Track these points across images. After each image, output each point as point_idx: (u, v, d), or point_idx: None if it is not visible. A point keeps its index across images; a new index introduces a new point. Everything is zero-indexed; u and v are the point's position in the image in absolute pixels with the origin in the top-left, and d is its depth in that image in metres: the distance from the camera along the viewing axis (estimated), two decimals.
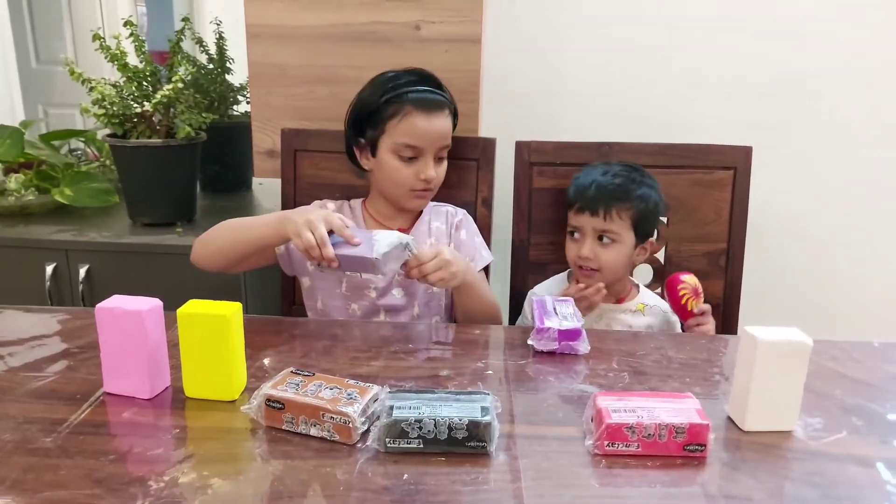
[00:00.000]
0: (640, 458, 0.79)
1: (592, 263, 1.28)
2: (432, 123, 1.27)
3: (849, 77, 1.74)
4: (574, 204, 1.30)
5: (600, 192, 1.26)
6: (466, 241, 1.37)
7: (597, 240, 1.28)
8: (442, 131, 1.29)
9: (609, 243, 1.27)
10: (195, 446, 0.81)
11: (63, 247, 1.55)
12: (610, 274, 1.29)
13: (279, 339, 1.12)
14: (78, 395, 0.90)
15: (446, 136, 1.30)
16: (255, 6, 1.51)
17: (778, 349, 0.83)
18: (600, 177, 1.29)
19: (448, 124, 1.31)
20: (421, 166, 1.28)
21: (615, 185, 1.27)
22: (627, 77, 1.77)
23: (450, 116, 1.32)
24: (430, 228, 1.37)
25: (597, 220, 1.26)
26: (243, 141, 1.75)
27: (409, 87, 1.28)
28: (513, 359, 1.06)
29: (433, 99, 1.28)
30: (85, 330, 1.10)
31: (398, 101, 1.27)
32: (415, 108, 1.26)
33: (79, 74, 1.51)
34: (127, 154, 1.59)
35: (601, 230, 1.27)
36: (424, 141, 1.27)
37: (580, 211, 1.28)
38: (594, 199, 1.26)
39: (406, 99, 1.27)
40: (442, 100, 1.30)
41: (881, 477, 0.77)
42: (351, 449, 0.79)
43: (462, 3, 1.46)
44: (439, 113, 1.28)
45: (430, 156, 1.29)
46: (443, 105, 1.30)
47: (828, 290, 1.89)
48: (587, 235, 1.28)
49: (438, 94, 1.30)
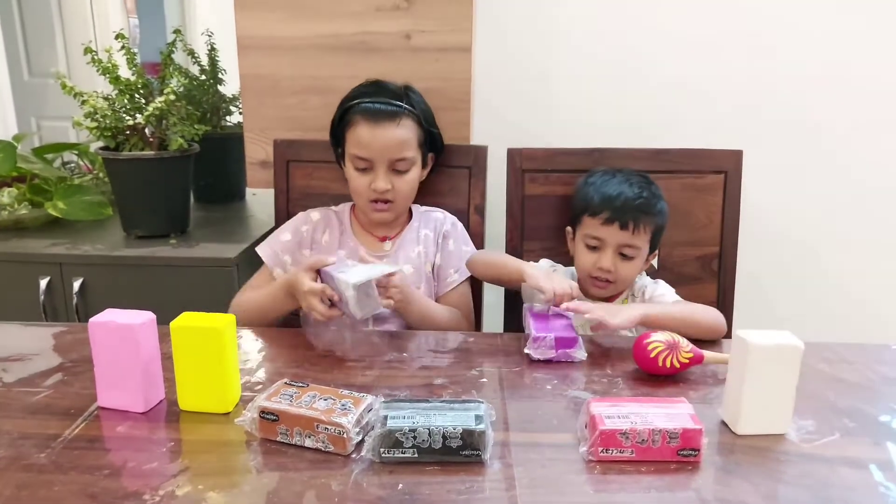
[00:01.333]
0: (635, 464, 0.79)
1: (611, 276, 1.25)
2: (377, 134, 1.27)
3: (838, 79, 1.75)
4: (599, 213, 1.24)
5: (630, 206, 1.22)
6: (454, 251, 1.37)
7: (618, 253, 1.25)
8: (389, 142, 1.27)
9: (630, 258, 1.25)
10: (190, 459, 0.80)
11: (57, 260, 1.55)
12: (623, 286, 1.29)
13: (273, 351, 1.12)
14: (72, 409, 0.90)
15: (397, 147, 1.28)
16: (246, 17, 1.51)
17: (770, 353, 0.84)
18: (626, 188, 1.25)
19: (401, 135, 1.28)
20: (373, 177, 1.29)
21: (643, 198, 1.24)
22: (618, 83, 1.78)
23: (408, 127, 1.30)
24: (419, 236, 1.37)
25: (624, 235, 1.23)
26: (236, 152, 1.75)
27: (361, 99, 1.30)
28: (507, 366, 1.06)
29: (381, 109, 1.28)
30: (79, 344, 1.10)
31: (351, 111, 1.30)
32: (362, 118, 1.28)
33: (70, 88, 1.52)
34: (120, 167, 1.60)
35: (626, 244, 1.24)
36: (371, 151, 1.28)
37: (608, 223, 1.23)
38: (624, 211, 1.22)
39: (356, 110, 1.29)
40: (393, 110, 1.28)
41: (874, 479, 0.77)
42: (346, 459, 0.79)
43: (452, 12, 1.47)
44: (388, 123, 1.27)
45: (381, 167, 1.28)
46: (395, 115, 1.28)
47: (819, 292, 1.89)
48: (609, 248, 1.25)
49: (391, 104, 1.29)
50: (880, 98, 1.76)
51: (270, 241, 1.36)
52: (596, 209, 1.25)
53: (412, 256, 1.35)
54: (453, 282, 1.36)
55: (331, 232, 1.37)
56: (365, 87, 1.34)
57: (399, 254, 1.35)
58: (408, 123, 1.30)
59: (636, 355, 1.02)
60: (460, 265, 1.36)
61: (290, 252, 1.35)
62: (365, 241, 1.37)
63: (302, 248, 1.36)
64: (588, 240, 1.27)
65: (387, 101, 1.29)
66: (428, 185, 1.46)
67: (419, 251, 1.36)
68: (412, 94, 1.36)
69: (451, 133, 1.52)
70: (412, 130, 1.31)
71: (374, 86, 1.34)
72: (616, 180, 1.28)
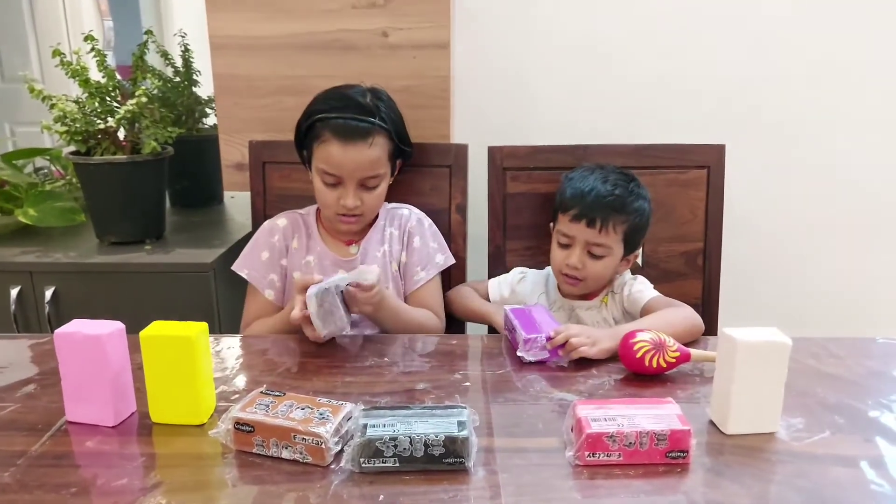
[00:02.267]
0: (623, 468, 0.77)
1: (579, 274, 1.25)
2: (348, 153, 1.23)
3: (820, 74, 1.74)
4: (569, 209, 1.24)
5: (599, 203, 1.21)
6: (419, 248, 1.34)
7: (586, 251, 1.24)
8: (361, 162, 1.24)
9: (599, 257, 1.24)
10: (163, 474, 0.77)
11: (28, 269, 1.50)
12: (594, 284, 1.28)
13: (249, 359, 1.09)
14: (39, 424, 0.87)
15: (368, 166, 1.25)
16: (218, 17, 1.48)
17: (757, 350, 0.82)
18: (599, 184, 1.23)
19: (373, 154, 1.25)
20: (342, 193, 1.25)
21: (615, 195, 1.22)
22: (599, 79, 1.76)
23: (380, 144, 1.26)
24: (384, 235, 1.35)
25: (591, 233, 1.22)
26: (213, 154, 1.71)
27: (330, 114, 1.25)
28: (491, 369, 1.04)
29: (354, 127, 1.23)
30: (48, 356, 1.06)
31: (320, 125, 1.25)
32: (332, 135, 1.23)
33: (39, 92, 1.47)
34: (91, 171, 1.55)
35: (594, 242, 1.23)
36: (341, 170, 1.24)
37: (576, 220, 1.23)
38: (592, 208, 1.21)
39: (326, 124, 1.24)
40: (365, 127, 1.24)
41: (865, 476, 0.76)
42: (325, 470, 0.77)
43: (429, 8, 1.44)
44: (360, 142, 1.23)
45: (351, 184, 1.25)
46: (367, 134, 1.23)
47: (804, 287, 1.89)
48: (577, 245, 1.24)
49: (364, 121, 1.24)
50: (863, 93, 1.76)
51: (249, 261, 1.32)
52: (567, 205, 1.25)
53: (377, 256, 1.33)
54: (420, 280, 1.33)
55: (299, 237, 1.35)
56: (334, 101, 1.27)
57: (365, 256, 1.33)
58: (380, 141, 1.26)
59: (622, 355, 1.00)
60: (427, 263, 1.33)
61: (274, 270, 1.32)
62: (331, 246, 1.34)
63: (280, 260, 1.33)
64: (560, 237, 1.27)
65: (359, 118, 1.24)
66: (408, 185, 1.43)
67: (384, 250, 1.33)
68: (381, 103, 1.30)
69: (431, 131, 1.50)
70: (383, 147, 1.27)
71: (342, 99, 1.28)
72: (593, 177, 1.26)
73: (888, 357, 1.08)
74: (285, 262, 1.33)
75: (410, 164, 1.42)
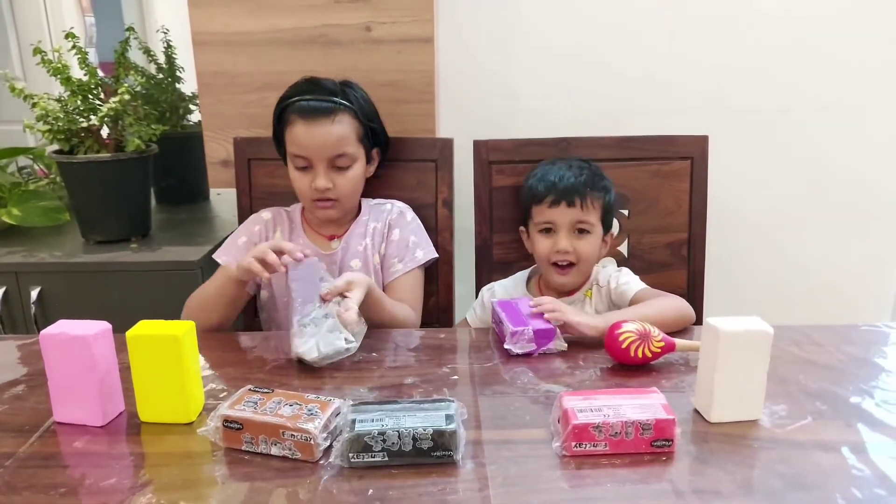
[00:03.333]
0: (609, 457, 0.78)
1: (571, 257, 1.26)
2: (313, 132, 1.24)
3: (802, 64, 1.75)
4: (545, 197, 1.26)
5: (573, 185, 1.25)
6: (397, 241, 1.35)
7: (573, 232, 1.26)
8: (326, 140, 1.25)
9: (585, 235, 1.26)
10: (152, 473, 0.77)
11: (12, 269, 1.49)
12: (585, 267, 1.29)
13: (237, 356, 1.09)
14: (26, 426, 0.86)
15: (334, 144, 1.26)
16: (200, 13, 1.47)
17: (740, 339, 0.83)
18: (566, 171, 1.27)
19: (338, 131, 1.26)
20: (313, 175, 1.27)
21: (585, 175, 1.27)
22: (582, 71, 1.76)
23: (346, 123, 1.27)
24: (367, 230, 1.35)
25: (574, 212, 1.25)
26: (198, 151, 1.70)
27: (296, 97, 1.27)
28: (479, 362, 1.05)
29: (315, 106, 1.25)
30: (35, 357, 1.06)
31: (287, 111, 1.27)
32: (298, 116, 1.25)
33: (20, 90, 1.46)
34: (75, 170, 1.54)
35: (578, 221, 1.25)
36: (308, 150, 1.25)
37: (555, 204, 1.25)
38: (570, 190, 1.24)
39: (292, 109, 1.27)
40: (328, 106, 1.25)
41: (846, 462, 0.77)
42: (314, 466, 0.77)
43: (412, 2, 1.44)
44: (323, 120, 1.24)
45: (320, 165, 1.26)
46: (329, 111, 1.25)
47: (786, 276, 1.91)
48: (563, 229, 1.26)
49: (327, 101, 1.26)
50: (845, 84, 1.77)
51: (226, 248, 1.32)
52: (542, 195, 1.27)
53: (359, 250, 1.33)
54: (396, 272, 1.33)
55: (282, 231, 1.35)
56: (301, 86, 1.30)
57: (347, 251, 1.33)
58: (344, 119, 1.27)
59: (608, 346, 1.01)
60: (405, 255, 1.34)
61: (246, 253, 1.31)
62: (314, 240, 1.34)
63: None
64: (541, 226, 1.28)
65: (321, 98, 1.26)
66: (394, 180, 1.44)
67: (366, 244, 1.33)
68: (350, 89, 1.32)
69: (416, 125, 1.50)
70: (350, 126, 1.28)
71: (309, 83, 1.30)
72: (556, 167, 1.30)
73: (869, 344, 1.10)
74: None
75: (396, 158, 1.42)
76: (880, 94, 1.78)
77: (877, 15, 1.72)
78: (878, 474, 0.75)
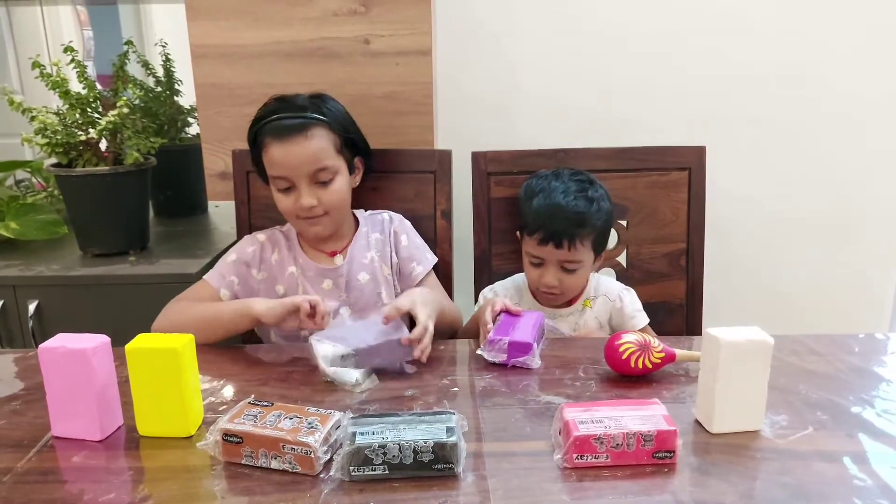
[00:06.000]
0: (611, 469, 0.78)
1: (556, 290, 1.27)
2: (288, 151, 1.22)
3: (799, 76, 1.76)
4: (534, 233, 1.25)
5: (563, 224, 1.22)
6: (409, 245, 1.35)
7: (559, 268, 1.26)
8: (302, 156, 1.22)
9: (573, 271, 1.26)
10: (151, 488, 0.77)
11: (10, 283, 1.49)
12: (572, 294, 1.31)
13: (236, 369, 1.09)
14: (24, 440, 0.86)
15: (311, 159, 1.23)
16: (199, 26, 1.47)
17: (740, 349, 0.83)
18: (560, 198, 1.24)
19: (314, 146, 1.23)
20: (297, 195, 1.24)
21: (577, 212, 1.23)
22: (580, 82, 1.77)
23: (321, 136, 1.24)
24: (369, 241, 1.34)
25: (561, 253, 1.23)
26: (196, 164, 1.71)
27: (267, 118, 1.25)
28: (479, 374, 1.04)
29: (288, 125, 1.23)
30: (32, 371, 1.05)
31: (260, 133, 1.25)
32: (272, 138, 1.23)
33: (18, 104, 1.46)
34: (73, 183, 1.54)
35: (565, 260, 1.24)
36: (287, 169, 1.23)
37: (543, 243, 1.24)
38: (557, 232, 1.22)
39: (264, 131, 1.25)
40: (299, 122, 1.23)
41: (848, 472, 0.77)
42: (314, 480, 0.76)
43: (410, 15, 1.45)
44: (297, 137, 1.22)
45: (302, 182, 1.23)
46: (302, 127, 1.22)
47: (786, 285, 1.91)
48: (550, 265, 1.26)
49: (297, 117, 1.23)
50: (841, 95, 1.78)
51: (218, 268, 1.30)
52: (531, 228, 1.26)
53: (365, 263, 1.32)
54: (418, 275, 1.33)
55: (279, 251, 1.33)
56: (270, 106, 1.28)
57: (352, 264, 1.32)
58: (318, 132, 1.24)
59: (608, 357, 1.01)
60: (421, 256, 1.34)
61: (237, 273, 1.29)
62: (315, 258, 1.32)
63: (251, 268, 1.31)
64: (530, 257, 1.28)
65: (291, 115, 1.24)
66: (393, 191, 1.44)
67: (372, 256, 1.33)
68: (321, 101, 1.29)
69: (415, 137, 1.50)
70: (325, 139, 1.25)
71: (278, 102, 1.28)
72: (552, 190, 1.26)
73: (868, 353, 1.10)
74: (255, 272, 1.31)
75: (395, 169, 1.43)
76: (875, 103, 1.79)
77: (871, 26, 1.73)
78: (881, 484, 0.74)
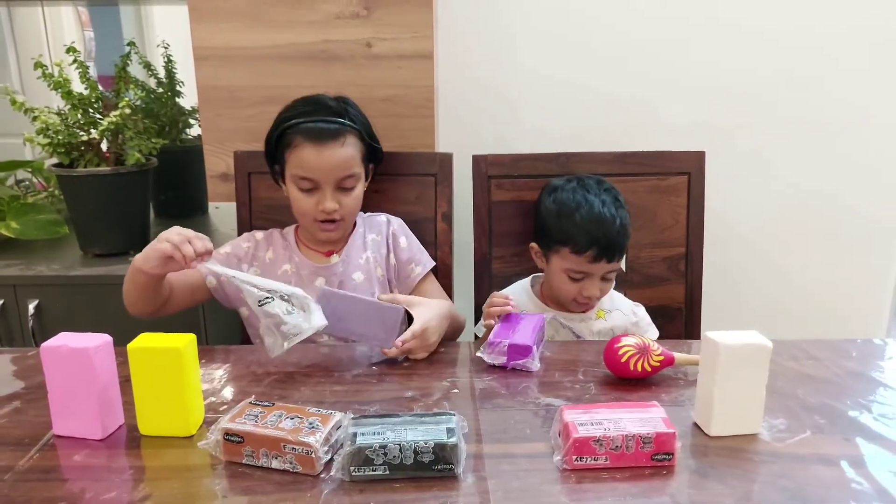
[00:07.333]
0: (610, 471, 0.78)
1: (595, 301, 1.29)
2: (322, 155, 1.23)
3: (798, 82, 1.77)
4: (585, 251, 1.22)
5: (616, 237, 1.23)
6: (408, 247, 1.36)
7: (601, 278, 1.26)
8: (335, 162, 1.24)
9: (611, 279, 1.28)
10: (152, 487, 0.77)
11: (10, 282, 1.49)
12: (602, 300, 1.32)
13: (237, 369, 1.09)
14: (26, 439, 0.86)
15: (343, 166, 1.25)
16: (202, 28, 1.48)
17: (739, 353, 0.84)
18: (605, 212, 1.23)
19: (346, 153, 1.25)
20: (320, 197, 1.25)
21: (624, 224, 1.25)
22: (581, 86, 1.78)
23: (352, 144, 1.26)
24: (365, 242, 1.35)
25: (611, 265, 1.25)
26: (197, 165, 1.71)
27: (300, 119, 1.25)
28: (479, 375, 1.05)
29: (324, 129, 1.24)
30: (34, 370, 1.05)
31: (290, 131, 1.25)
32: (305, 139, 1.23)
33: (21, 104, 1.47)
34: (75, 183, 1.55)
35: (610, 270, 1.26)
36: (317, 173, 1.24)
37: (596, 260, 1.23)
38: (611, 248, 1.22)
39: (297, 130, 1.25)
40: (336, 128, 1.25)
41: (846, 475, 0.78)
42: (315, 480, 0.77)
43: (412, 19, 1.45)
44: (332, 143, 1.23)
45: (328, 187, 1.25)
46: (338, 134, 1.24)
47: (784, 290, 1.92)
48: (595, 278, 1.26)
49: (333, 122, 1.25)
50: (838, 101, 1.79)
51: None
52: (581, 247, 1.23)
53: (361, 263, 1.33)
54: (418, 275, 1.34)
55: (275, 249, 1.34)
56: (303, 106, 1.28)
57: (348, 264, 1.32)
58: (352, 141, 1.26)
59: (607, 360, 1.02)
60: (420, 258, 1.35)
61: (227, 265, 1.28)
62: (310, 257, 1.33)
63: (241, 263, 1.31)
64: (571, 273, 1.26)
65: (329, 119, 1.25)
66: (394, 194, 1.44)
67: (367, 256, 1.33)
68: (350, 107, 1.31)
69: (416, 140, 1.51)
70: (356, 147, 1.27)
71: (312, 104, 1.29)
72: (588, 205, 1.24)
73: (866, 358, 1.11)
74: (246, 267, 1.31)
75: (396, 172, 1.43)
76: (874, 109, 1.80)
77: (869, 35, 1.74)
78: (878, 488, 0.75)
